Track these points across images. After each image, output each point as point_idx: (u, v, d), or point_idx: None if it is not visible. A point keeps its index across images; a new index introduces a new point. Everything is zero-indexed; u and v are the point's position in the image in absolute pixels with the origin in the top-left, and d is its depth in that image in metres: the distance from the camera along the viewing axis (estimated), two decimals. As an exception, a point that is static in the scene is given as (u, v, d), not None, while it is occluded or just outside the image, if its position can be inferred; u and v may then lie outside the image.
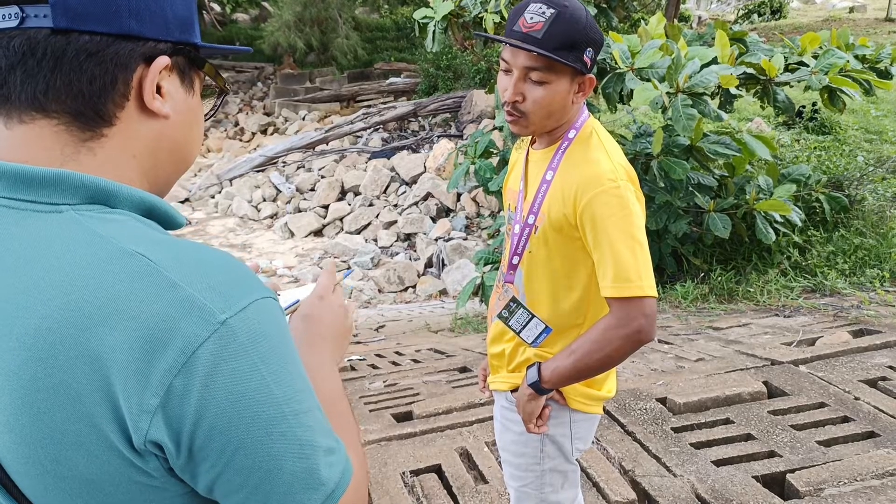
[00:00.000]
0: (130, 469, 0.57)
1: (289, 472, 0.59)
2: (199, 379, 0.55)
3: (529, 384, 1.40)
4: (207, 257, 0.60)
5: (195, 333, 0.55)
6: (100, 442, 0.56)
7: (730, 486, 2.24)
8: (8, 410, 0.56)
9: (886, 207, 5.53)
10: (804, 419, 2.67)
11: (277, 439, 0.58)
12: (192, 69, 0.71)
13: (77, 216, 0.61)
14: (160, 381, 0.54)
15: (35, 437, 0.56)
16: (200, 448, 0.56)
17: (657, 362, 3.44)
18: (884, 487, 2.18)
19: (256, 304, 0.59)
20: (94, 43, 0.62)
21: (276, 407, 0.58)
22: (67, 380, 0.55)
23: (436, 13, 5.18)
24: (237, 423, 0.56)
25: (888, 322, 3.84)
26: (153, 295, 0.56)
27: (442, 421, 2.79)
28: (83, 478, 0.57)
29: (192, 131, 0.73)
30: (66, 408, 0.55)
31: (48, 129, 0.63)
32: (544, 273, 1.40)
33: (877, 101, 8.23)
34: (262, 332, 0.58)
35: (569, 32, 1.25)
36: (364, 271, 7.97)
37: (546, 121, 1.35)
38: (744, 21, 17.36)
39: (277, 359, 0.59)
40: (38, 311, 0.56)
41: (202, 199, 10.93)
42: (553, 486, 1.52)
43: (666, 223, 4.66)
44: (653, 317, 1.29)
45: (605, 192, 1.28)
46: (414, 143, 11.21)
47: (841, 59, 4.40)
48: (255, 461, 0.58)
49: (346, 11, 16.63)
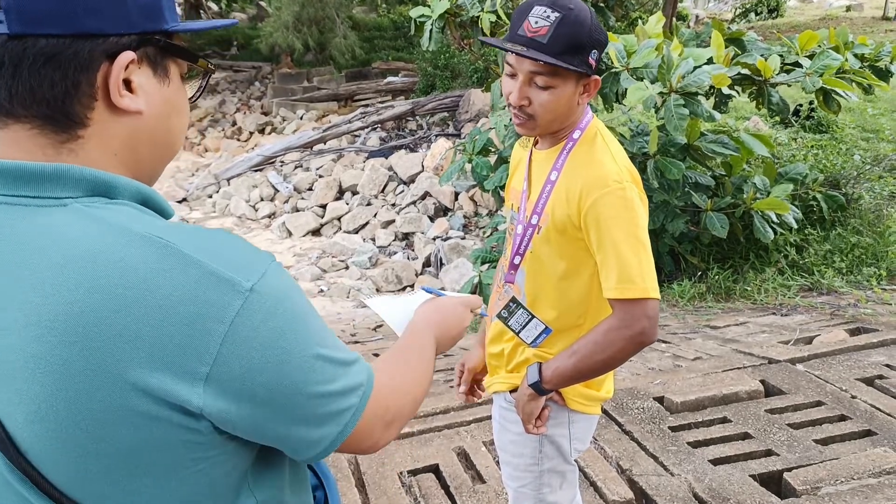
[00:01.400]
0: (179, 431, 0.60)
1: (329, 392, 0.67)
2: (244, 342, 0.60)
3: (530, 384, 1.40)
4: (214, 236, 0.64)
5: (229, 303, 0.59)
6: (147, 413, 0.58)
7: (727, 484, 2.24)
8: (38, 399, 0.57)
9: (883, 206, 5.54)
10: (801, 418, 2.67)
11: (318, 371, 0.66)
12: (164, 57, 0.69)
13: (83, 208, 0.62)
14: (207, 350, 0.58)
15: (72, 420, 0.57)
16: (254, 401, 0.62)
17: (654, 361, 3.44)
18: (880, 486, 2.19)
19: (270, 268, 0.64)
20: (51, 46, 0.61)
21: (309, 348, 0.65)
22: (106, 360, 0.57)
23: (433, 12, 5.18)
24: (284, 371, 0.63)
25: (885, 320, 3.84)
26: (181, 273, 0.59)
27: (439, 420, 2.79)
28: (127, 450, 0.59)
29: (170, 121, 0.71)
30: (107, 387, 0.57)
31: (23, 132, 0.62)
32: (546, 273, 1.40)
33: (873, 100, 8.24)
34: (283, 291, 0.64)
35: (574, 36, 1.24)
36: (362, 271, 7.97)
37: (552, 123, 1.35)
38: (741, 20, 17.37)
39: (299, 309, 0.66)
40: (65, 297, 0.57)
41: (200, 198, 10.91)
42: (551, 487, 1.53)
43: (663, 222, 4.67)
44: (655, 318, 1.29)
45: (610, 193, 1.27)
46: (412, 142, 11.20)
47: (836, 61, 4.40)
48: (301, 397, 0.65)
49: (343, 11, 16.61)
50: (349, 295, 7.27)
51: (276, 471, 0.74)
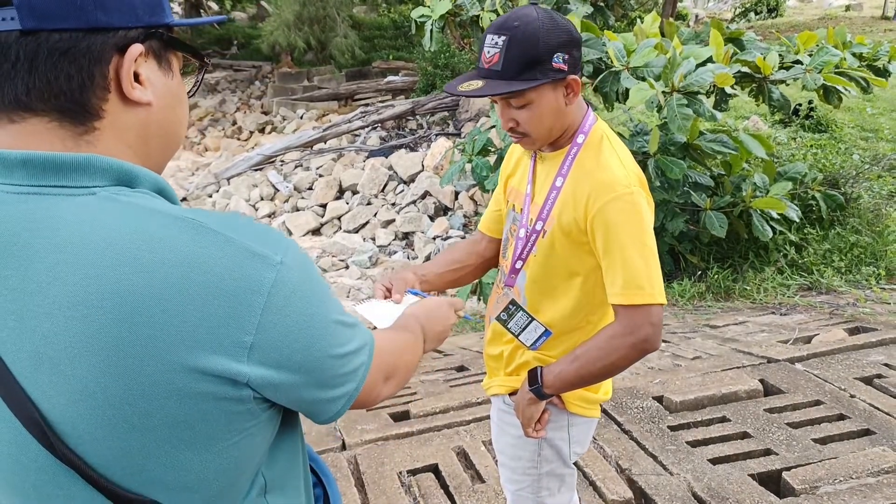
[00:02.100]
0: (224, 401, 0.63)
1: (348, 353, 0.74)
2: (280, 311, 0.64)
3: (530, 388, 1.40)
4: (236, 217, 0.68)
5: (265, 276, 0.63)
6: (194, 384, 0.61)
7: (726, 484, 2.25)
8: (86, 378, 0.59)
9: (882, 205, 5.54)
10: (800, 417, 2.68)
11: (339, 334, 0.72)
12: (167, 50, 0.72)
13: (113, 195, 0.64)
14: (250, 320, 0.62)
15: (121, 397, 0.59)
16: (291, 365, 0.66)
17: (654, 360, 3.44)
18: (879, 485, 2.19)
19: (291, 244, 0.68)
20: (64, 40, 0.62)
21: (330, 313, 0.71)
22: (156, 334, 0.59)
23: (433, 12, 5.18)
24: (316, 334, 0.68)
25: (884, 320, 3.85)
26: (218, 250, 0.62)
27: (439, 420, 2.80)
28: (172, 423, 0.62)
29: (175, 112, 0.74)
30: (156, 361, 0.59)
31: (41, 125, 0.64)
32: (548, 276, 1.40)
33: (872, 100, 8.24)
34: (306, 265, 0.69)
35: (525, 53, 1.22)
36: (362, 270, 7.97)
37: (549, 133, 1.34)
38: (740, 19, 17.37)
39: (318, 280, 0.71)
40: (110, 277, 0.58)
41: (200, 198, 10.91)
42: (550, 490, 1.53)
43: (663, 221, 4.67)
44: (659, 325, 1.28)
45: (618, 198, 1.26)
46: (412, 141, 11.20)
47: (835, 57, 4.41)
48: (329, 359, 0.71)
49: (344, 10, 16.59)
50: (349, 294, 7.27)
51: (283, 453, 0.78)
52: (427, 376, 3.56)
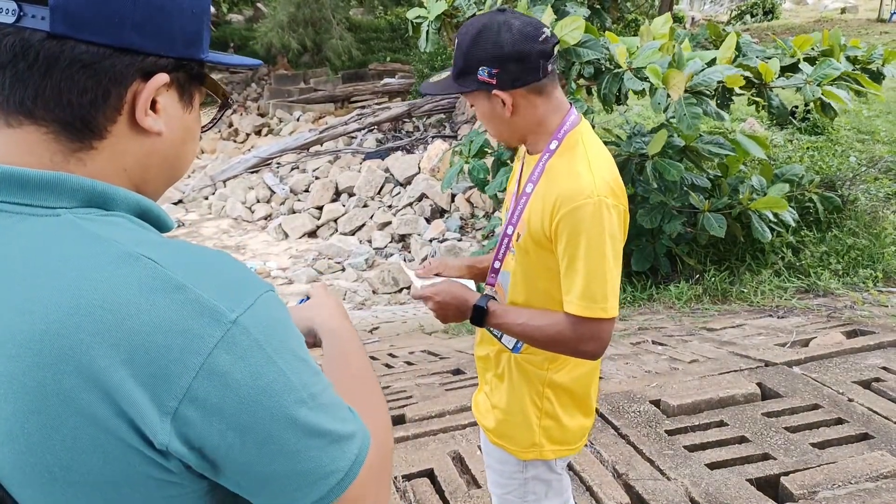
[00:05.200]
0: (150, 467, 0.57)
1: (316, 450, 0.61)
2: (218, 378, 0.56)
3: (474, 307, 1.36)
4: (208, 257, 0.61)
5: (209, 334, 0.56)
6: (118, 444, 0.55)
7: (724, 489, 2.23)
8: (11, 419, 0.55)
9: (879, 207, 5.54)
10: (798, 421, 2.66)
11: (302, 423, 0.60)
12: (192, 84, 0.69)
13: (75, 219, 0.59)
14: (179, 384, 0.55)
15: (43, 444, 0.55)
16: (224, 445, 0.57)
17: (651, 364, 3.42)
18: (878, 490, 2.18)
19: (262, 298, 0.60)
20: (90, 54, 0.59)
21: (295, 393, 0.59)
22: (79, 385, 0.54)
23: (429, 13, 5.16)
24: (262, 416, 0.57)
25: (881, 322, 3.84)
26: (163, 297, 0.56)
27: (434, 424, 2.77)
28: (97, 481, 0.56)
29: (185, 147, 0.71)
30: (80, 413, 0.54)
31: (36, 135, 0.61)
32: (528, 279, 1.39)
33: (868, 102, 8.24)
34: (271, 326, 0.59)
35: (459, 59, 1.30)
36: (358, 272, 7.94)
37: (505, 135, 1.38)
38: (736, 22, 17.42)
39: (288, 349, 0.60)
40: (44, 317, 0.54)
41: (196, 200, 10.88)
42: (536, 495, 1.51)
43: (660, 223, 4.66)
44: (606, 340, 1.29)
45: (580, 207, 1.23)
46: (408, 143, 11.18)
47: (836, 70, 4.41)
48: (282, 448, 0.59)
49: (339, 12, 16.60)
50: (345, 297, 7.24)
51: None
52: (423, 380, 3.54)
